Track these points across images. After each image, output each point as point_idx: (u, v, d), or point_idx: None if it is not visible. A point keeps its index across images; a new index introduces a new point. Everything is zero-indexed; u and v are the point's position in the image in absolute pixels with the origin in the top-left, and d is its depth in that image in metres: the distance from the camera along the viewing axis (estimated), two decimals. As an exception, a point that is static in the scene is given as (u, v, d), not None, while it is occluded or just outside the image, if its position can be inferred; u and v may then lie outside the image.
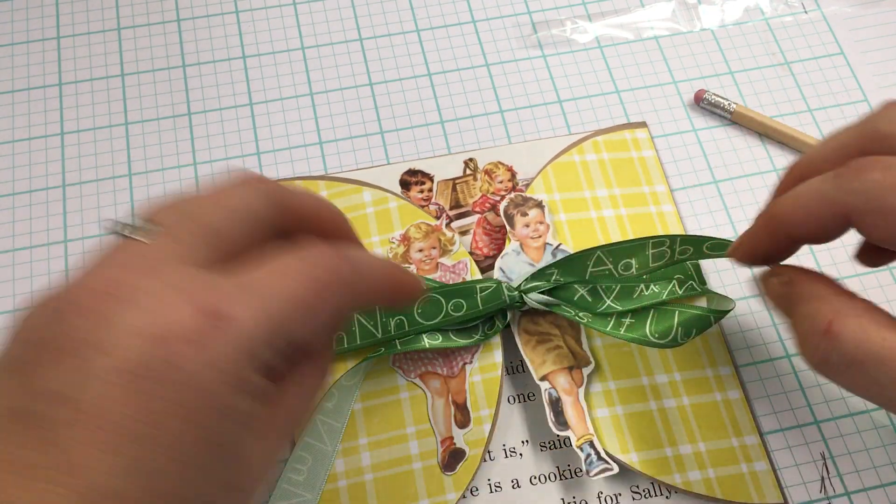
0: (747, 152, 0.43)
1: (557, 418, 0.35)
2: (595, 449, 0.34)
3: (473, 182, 0.42)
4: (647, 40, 0.47)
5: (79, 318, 0.21)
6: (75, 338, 0.21)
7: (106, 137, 0.43)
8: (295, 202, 0.27)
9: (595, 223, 0.40)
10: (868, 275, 0.40)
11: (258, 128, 0.44)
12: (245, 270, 0.23)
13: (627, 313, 0.36)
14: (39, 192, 0.42)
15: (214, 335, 0.21)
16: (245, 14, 0.47)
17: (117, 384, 0.20)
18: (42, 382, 0.21)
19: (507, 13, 0.48)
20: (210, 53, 0.46)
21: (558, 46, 0.47)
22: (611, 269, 0.36)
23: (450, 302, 0.36)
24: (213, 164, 0.43)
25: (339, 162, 0.43)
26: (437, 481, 0.34)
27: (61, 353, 0.21)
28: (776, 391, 0.37)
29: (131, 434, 0.20)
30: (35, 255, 0.40)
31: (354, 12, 0.48)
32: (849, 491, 0.35)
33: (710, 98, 0.44)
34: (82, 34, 0.47)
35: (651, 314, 0.36)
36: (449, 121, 0.44)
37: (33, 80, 0.45)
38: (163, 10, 0.47)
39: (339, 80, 0.45)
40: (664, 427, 0.35)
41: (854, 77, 0.45)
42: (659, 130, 0.44)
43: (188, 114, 0.44)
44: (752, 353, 0.38)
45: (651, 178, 0.42)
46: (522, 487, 0.35)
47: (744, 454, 0.35)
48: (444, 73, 0.46)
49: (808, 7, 0.48)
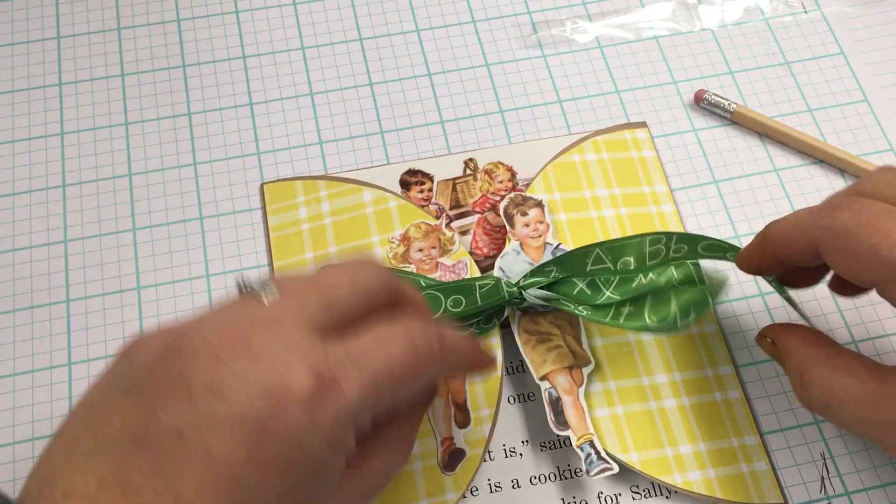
0: (747, 152, 0.43)
1: (557, 418, 0.35)
2: (595, 449, 0.34)
3: (473, 182, 0.42)
4: (647, 40, 0.47)
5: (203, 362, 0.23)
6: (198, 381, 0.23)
7: (106, 137, 0.43)
8: (404, 290, 0.30)
9: (595, 223, 0.40)
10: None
11: (258, 128, 0.44)
12: (353, 334, 0.26)
13: (626, 303, 0.36)
14: (39, 192, 0.42)
15: (323, 402, 0.24)
16: (245, 14, 0.47)
17: (229, 430, 0.23)
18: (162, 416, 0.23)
19: (507, 13, 0.48)
20: (210, 53, 0.46)
21: (558, 46, 0.47)
22: (609, 266, 0.36)
23: (449, 298, 0.36)
24: (213, 163, 0.43)
25: (339, 162, 0.43)
26: (436, 481, 0.34)
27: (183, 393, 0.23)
28: (776, 391, 0.37)
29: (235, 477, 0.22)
30: (35, 255, 0.40)
31: (354, 12, 0.48)
32: (849, 491, 0.35)
33: (710, 98, 0.44)
34: (82, 34, 0.47)
35: (648, 300, 0.36)
36: (449, 121, 0.44)
37: (33, 80, 0.45)
38: (163, 10, 0.47)
39: (339, 80, 0.45)
40: (664, 427, 0.35)
41: (854, 77, 0.45)
42: (659, 130, 0.44)
43: (188, 114, 0.44)
44: (752, 353, 0.38)
45: (651, 178, 0.42)
46: (522, 487, 0.35)
47: (744, 454, 0.35)
48: (444, 73, 0.46)
49: (808, 7, 0.48)
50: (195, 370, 0.23)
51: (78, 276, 0.40)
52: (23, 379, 0.37)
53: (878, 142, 0.43)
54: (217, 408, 0.23)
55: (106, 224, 0.41)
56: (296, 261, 0.39)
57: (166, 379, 0.24)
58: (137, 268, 0.40)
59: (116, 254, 0.40)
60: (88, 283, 0.39)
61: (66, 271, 0.40)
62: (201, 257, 0.40)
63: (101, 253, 0.40)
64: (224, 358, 0.24)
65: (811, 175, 0.42)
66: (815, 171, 0.43)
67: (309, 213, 0.41)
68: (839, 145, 0.43)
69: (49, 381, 0.37)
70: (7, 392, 0.37)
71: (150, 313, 0.39)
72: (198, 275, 0.40)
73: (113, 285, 0.39)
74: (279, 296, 0.26)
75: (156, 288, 0.39)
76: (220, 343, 0.24)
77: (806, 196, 0.42)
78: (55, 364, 0.38)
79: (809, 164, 0.43)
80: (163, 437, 0.22)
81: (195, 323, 0.25)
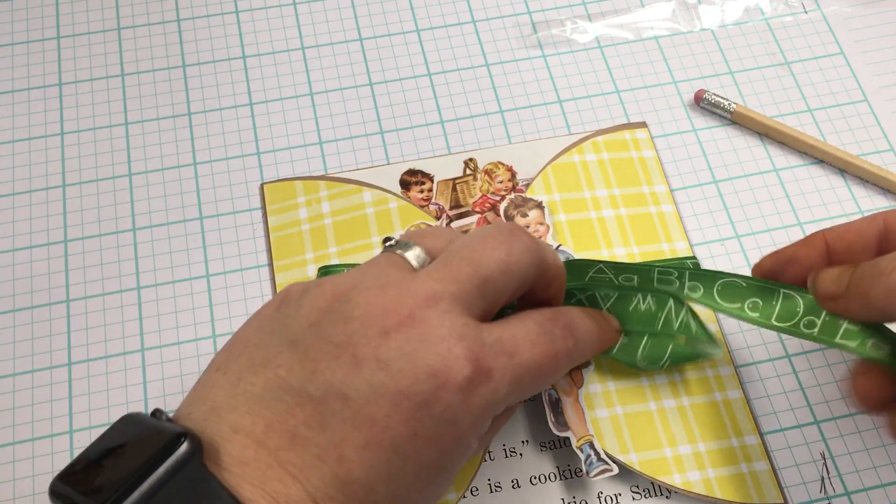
0: (747, 152, 0.43)
1: (557, 419, 0.35)
2: (595, 449, 0.34)
3: (473, 182, 0.42)
4: (647, 40, 0.47)
5: (372, 333, 0.25)
6: (366, 351, 0.25)
7: (106, 137, 0.43)
8: (551, 269, 0.30)
9: (595, 223, 0.40)
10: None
11: (258, 128, 0.44)
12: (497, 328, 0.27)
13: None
14: (39, 192, 0.42)
15: (478, 388, 0.25)
16: (245, 14, 0.47)
17: (393, 403, 0.24)
18: (329, 377, 0.24)
19: (507, 13, 0.48)
20: (210, 53, 0.46)
21: (558, 46, 0.47)
22: (611, 277, 0.35)
23: None
24: (213, 163, 0.43)
25: (339, 162, 0.43)
26: (436, 481, 0.34)
27: (350, 358, 0.24)
28: (776, 391, 0.37)
29: (395, 447, 0.24)
30: (35, 255, 0.40)
31: (354, 12, 0.48)
32: (849, 491, 0.35)
33: (710, 98, 0.44)
34: (82, 34, 0.47)
35: (645, 341, 0.35)
36: (449, 121, 0.44)
37: (33, 80, 0.45)
38: (163, 10, 0.47)
39: (339, 80, 0.45)
40: (664, 427, 0.35)
41: (854, 77, 0.45)
42: (659, 130, 0.44)
43: (188, 114, 0.44)
44: (752, 353, 0.38)
45: (651, 179, 0.42)
46: (522, 487, 0.35)
47: (744, 454, 0.35)
48: (444, 73, 0.46)
49: (808, 7, 0.48)
50: (364, 339, 0.25)
51: (78, 276, 0.40)
52: (23, 379, 0.37)
53: (878, 142, 0.43)
54: (384, 380, 0.24)
55: (106, 224, 0.41)
56: (296, 261, 0.39)
57: (334, 341, 0.25)
58: (137, 268, 0.40)
59: (116, 254, 0.40)
60: (88, 283, 0.39)
61: (66, 271, 0.40)
62: (201, 257, 0.40)
63: (101, 253, 0.40)
64: (391, 333, 0.25)
65: (811, 175, 0.42)
66: (815, 171, 0.43)
67: (309, 213, 0.41)
68: (839, 145, 0.43)
69: (49, 381, 0.37)
70: (7, 392, 0.37)
71: (150, 313, 0.39)
72: (198, 275, 0.40)
73: (113, 285, 0.39)
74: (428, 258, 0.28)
75: (156, 288, 0.39)
76: (387, 317, 0.25)
77: (806, 196, 0.42)
78: (55, 364, 0.38)
79: (809, 164, 0.43)
80: (329, 398, 0.24)
81: (357, 284, 0.26)
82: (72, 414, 0.37)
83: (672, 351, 0.34)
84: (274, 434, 0.23)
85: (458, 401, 0.25)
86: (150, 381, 0.37)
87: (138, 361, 0.38)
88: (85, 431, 0.36)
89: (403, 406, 0.24)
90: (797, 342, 0.38)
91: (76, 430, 0.36)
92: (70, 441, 0.36)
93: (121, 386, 0.37)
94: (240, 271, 0.40)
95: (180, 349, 0.38)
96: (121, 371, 0.37)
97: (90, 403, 0.37)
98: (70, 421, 0.36)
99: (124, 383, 0.37)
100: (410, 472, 0.25)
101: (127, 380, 0.37)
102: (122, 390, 0.37)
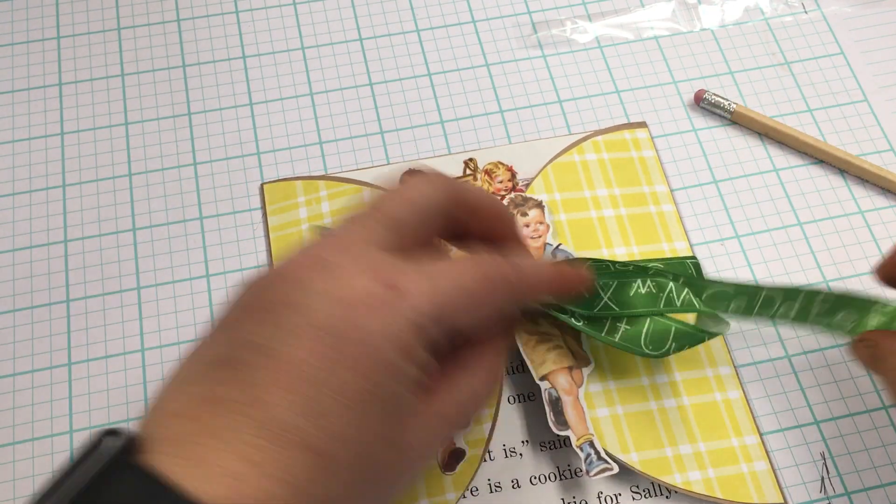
0: (747, 152, 0.43)
1: (557, 418, 0.35)
2: (595, 449, 0.34)
3: (473, 182, 0.42)
4: (647, 40, 0.47)
5: (282, 285, 0.26)
6: (275, 300, 0.25)
7: (106, 137, 0.43)
8: (468, 196, 0.30)
9: (595, 223, 0.40)
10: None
11: (258, 128, 0.44)
12: (422, 261, 0.27)
13: (623, 318, 0.35)
14: (39, 192, 0.42)
15: (390, 304, 0.25)
16: (245, 14, 0.47)
17: (304, 336, 0.24)
18: (244, 335, 0.25)
19: (507, 13, 0.48)
20: (210, 53, 0.46)
21: (558, 46, 0.47)
22: (608, 265, 0.35)
23: None
24: (213, 164, 0.43)
25: (339, 162, 0.43)
26: (436, 481, 0.34)
27: (263, 312, 0.25)
28: (776, 391, 0.37)
29: (308, 378, 0.24)
30: (35, 255, 0.40)
31: (354, 12, 0.48)
32: (849, 491, 0.35)
33: (710, 98, 0.44)
34: (82, 34, 0.47)
35: (647, 325, 0.35)
36: (449, 121, 0.44)
37: (33, 80, 0.45)
38: (163, 10, 0.47)
39: (339, 80, 0.45)
40: (664, 427, 0.35)
41: (854, 77, 0.45)
42: (659, 130, 0.44)
43: (188, 114, 0.44)
44: (752, 353, 0.38)
45: (651, 178, 0.42)
46: (522, 487, 0.35)
47: (744, 454, 0.35)
48: (444, 73, 0.46)
49: (808, 7, 0.48)
50: (277, 293, 0.25)
51: (78, 276, 0.40)
52: (23, 379, 0.37)
53: (878, 142, 0.43)
54: (297, 320, 0.24)
55: (106, 224, 0.41)
56: (296, 261, 0.39)
57: (253, 307, 0.26)
58: (137, 268, 0.40)
59: (116, 254, 0.40)
60: (88, 283, 0.39)
61: (66, 271, 0.40)
62: (201, 257, 0.40)
63: (101, 253, 0.40)
64: (301, 278, 0.25)
65: (811, 175, 0.42)
66: (815, 171, 0.43)
67: (309, 213, 0.41)
68: (839, 145, 0.43)
69: (49, 381, 0.37)
70: (7, 392, 0.37)
71: (150, 313, 0.39)
72: (198, 275, 0.40)
73: (113, 285, 0.39)
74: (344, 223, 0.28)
75: (156, 288, 0.39)
76: (298, 268, 0.26)
77: (806, 196, 0.42)
78: (55, 364, 0.38)
79: (809, 164, 0.43)
80: (243, 353, 0.24)
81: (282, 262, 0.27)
82: (72, 414, 0.37)
83: (676, 331, 0.34)
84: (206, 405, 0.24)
85: (373, 321, 0.25)
86: (150, 381, 0.37)
87: (138, 361, 0.38)
88: (85, 431, 0.36)
89: (322, 340, 0.24)
90: (797, 342, 0.38)
91: (76, 430, 0.36)
92: (70, 441, 0.36)
93: (121, 386, 0.37)
94: (240, 271, 0.40)
95: (181, 349, 0.38)
96: (121, 371, 0.37)
97: (90, 403, 0.37)
98: (70, 421, 0.36)
99: (124, 383, 0.37)
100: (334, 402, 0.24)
101: (127, 380, 0.37)
102: (122, 390, 0.37)
